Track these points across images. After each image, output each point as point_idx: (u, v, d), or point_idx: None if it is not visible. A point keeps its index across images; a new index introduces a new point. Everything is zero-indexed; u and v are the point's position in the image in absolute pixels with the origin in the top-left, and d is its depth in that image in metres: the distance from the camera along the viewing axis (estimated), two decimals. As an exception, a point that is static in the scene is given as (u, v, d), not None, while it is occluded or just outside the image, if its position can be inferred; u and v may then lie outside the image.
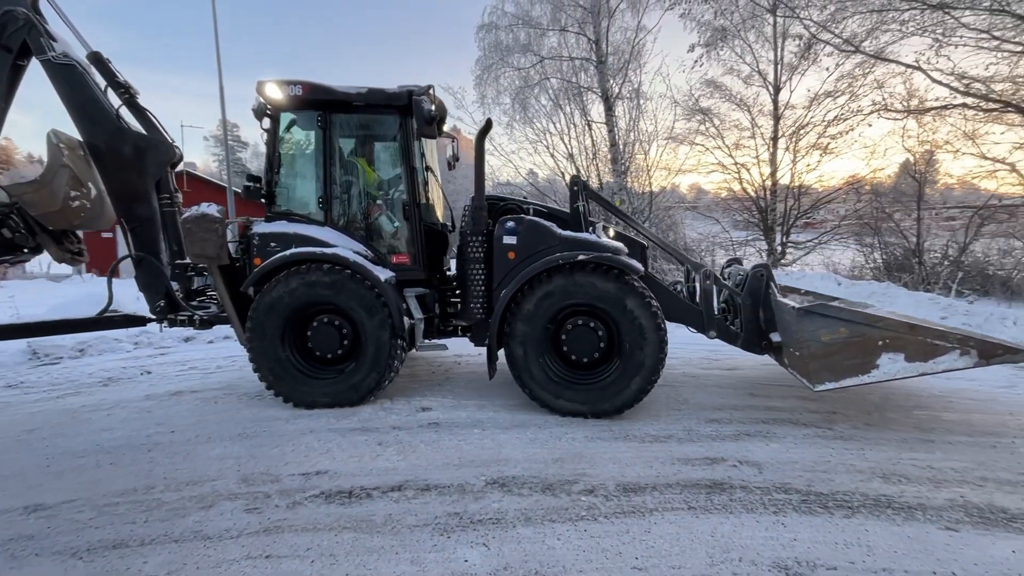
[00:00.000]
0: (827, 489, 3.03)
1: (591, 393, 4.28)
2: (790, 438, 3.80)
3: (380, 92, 4.59)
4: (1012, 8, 8.59)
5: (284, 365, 4.51)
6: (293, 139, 4.96)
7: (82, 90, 4.58)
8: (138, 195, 4.75)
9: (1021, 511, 2.75)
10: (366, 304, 4.42)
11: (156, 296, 4.86)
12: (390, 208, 5.00)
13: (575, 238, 4.42)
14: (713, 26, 12.73)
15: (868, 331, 3.78)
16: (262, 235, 4.58)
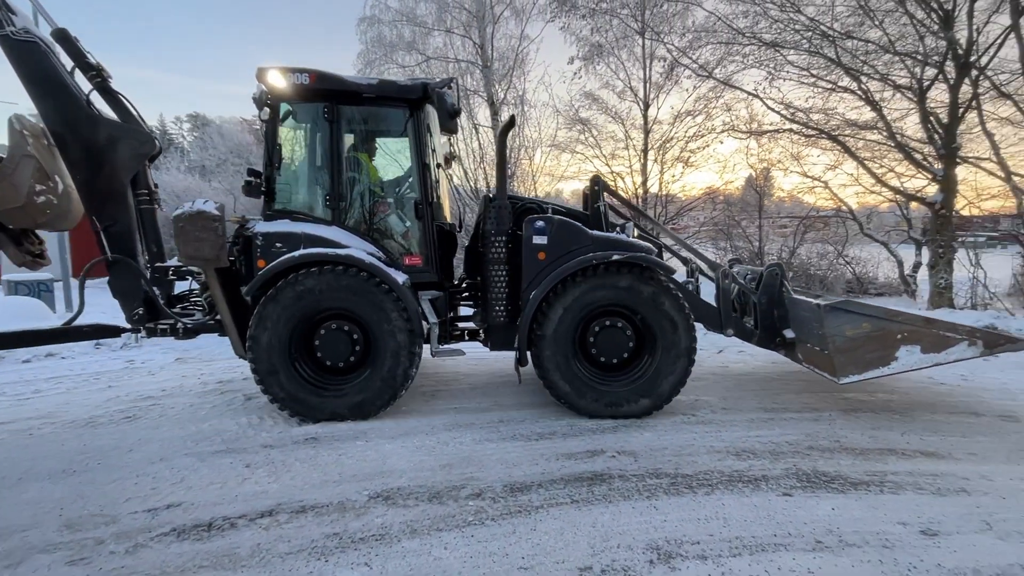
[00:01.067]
0: (692, 470, 3.33)
1: (623, 394, 4.24)
2: (661, 426, 4.12)
3: (392, 84, 4.40)
4: (824, 52, 10.29)
5: (293, 376, 4.13)
6: (296, 132, 4.63)
7: (46, 71, 4.00)
8: (112, 191, 4.19)
9: (837, 473, 3.26)
10: (383, 309, 4.13)
11: (133, 303, 4.32)
12: (400, 207, 4.75)
13: (607, 238, 4.37)
14: (590, 42, 13.53)
15: (888, 325, 4.07)
16: (266, 235, 4.17)
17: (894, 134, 10.18)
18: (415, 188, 4.60)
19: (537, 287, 4.21)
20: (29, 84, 4.00)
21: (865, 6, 9.74)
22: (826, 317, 4.04)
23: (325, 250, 4.10)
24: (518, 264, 4.41)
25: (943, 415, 4.31)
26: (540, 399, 4.83)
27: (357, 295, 4.10)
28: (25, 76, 4.00)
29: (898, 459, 3.46)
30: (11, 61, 3.99)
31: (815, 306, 4.15)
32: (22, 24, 4.00)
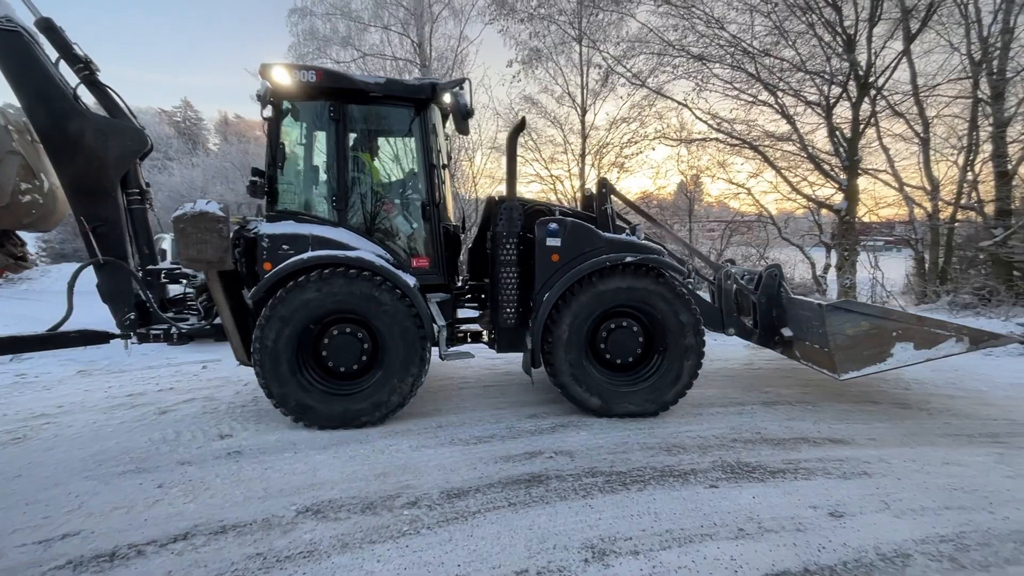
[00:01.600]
0: (626, 467, 3.42)
1: (637, 394, 4.31)
2: (597, 425, 4.21)
3: (400, 83, 4.33)
4: (745, 67, 10.98)
5: (301, 382, 4.01)
6: (301, 131, 4.46)
7: (30, 63, 3.75)
8: (101, 190, 3.98)
9: (758, 463, 3.46)
10: (394, 312, 4.03)
11: (124, 307, 4.13)
12: (407, 208, 4.67)
13: (619, 240, 4.38)
14: (529, 46, 13.70)
15: (884, 324, 4.24)
16: (272, 236, 4.04)
17: (806, 146, 11.03)
18: (421, 189, 4.52)
19: (551, 289, 4.22)
20: (11, 76, 3.74)
21: (780, 27, 10.50)
22: (828, 316, 4.19)
23: (334, 252, 4.00)
24: (528, 266, 4.41)
25: (848, 404, 4.69)
26: (479, 403, 4.81)
27: (367, 299, 3.99)
28: (7, 68, 3.74)
29: (810, 447, 3.72)
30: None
31: (817, 306, 4.31)
32: (3, 12, 3.72)
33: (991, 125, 10.01)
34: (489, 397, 5.00)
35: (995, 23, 9.77)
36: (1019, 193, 10.38)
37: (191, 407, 4.73)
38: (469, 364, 6.32)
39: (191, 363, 6.59)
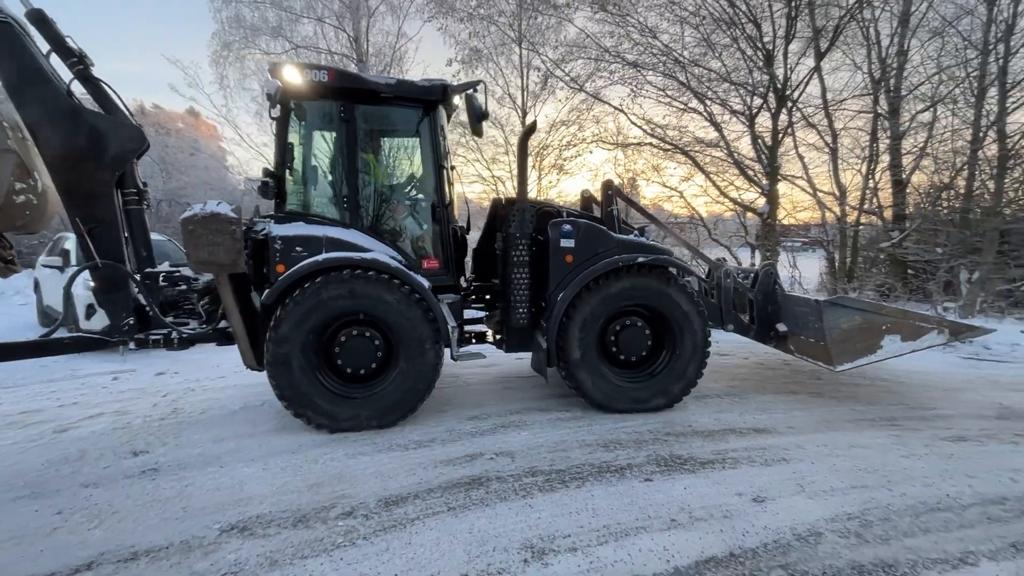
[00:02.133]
0: (565, 465, 3.47)
1: (647, 389, 4.45)
2: (537, 424, 4.25)
3: (411, 84, 4.31)
4: (677, 76, 11.49)
5: (316, 386, 3.92)
6: (310, 131, 4.41)
7: (21, 56, 3.54)
8: (97, 191, 3.78)
9: (690, 455, 3.62)
10: (410, 314, 4.00)
11: (122, 312, 3.93)
12: (416, 209, 4.65)
13: (630, 241, 4.49)
14: (469, 46, 13.64)
15: (875, 318, 4.49)
16: (285, 238, 3.95)
17: (732, 152, 11.71)
18: (430, 190, 4.53)
19: (565, 289, 4.29)
20: (1, 70, 3.51)
21: (707, 39, 11.08)
22: (825, 312, 4.43)
23: (350, 254, 3.95)
24: (540, 267, 4.48)
25: (770, 395, 5.02)
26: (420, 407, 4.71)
27: (383, 301, 3.96)
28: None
29: (737, 437, 3.94)
30: None
31: (815, 302, 4.56)
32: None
33: (888, 138, 11.06)
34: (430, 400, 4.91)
35: (892, 45, 10.82)
36: (912, 199, 11.54)
37: (98, 423, 4.33)
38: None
39: (99, 374, 6.03)
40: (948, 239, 10.33)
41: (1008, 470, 3.36)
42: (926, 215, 10.81)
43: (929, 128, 10.74)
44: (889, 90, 10.91)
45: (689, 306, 4.45)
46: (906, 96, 10.81)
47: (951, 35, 10.40)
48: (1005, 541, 2.58)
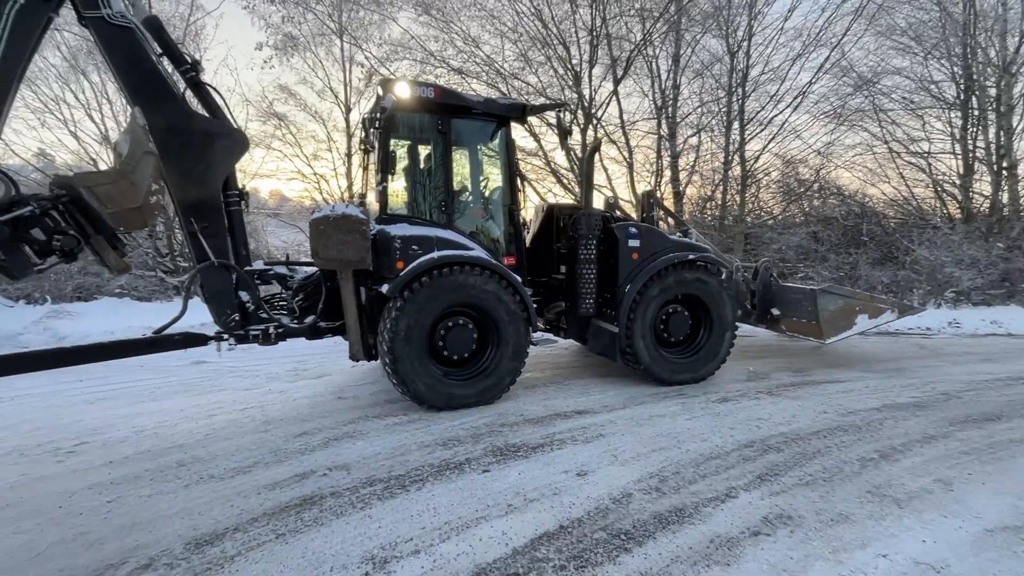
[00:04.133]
0: (404, 470, 3.42)
1: (689, 365, 5.34)
2: (373, 432, 4.11)
3: (497, 102, 4.90)
4: (499, 86, 12.13)
5: (429, 369, 4.40)
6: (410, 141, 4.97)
7: (142, 61, 3.68)
8: (207, 192, 3.96)
9: (522, 442, 3.88)
10: (507, 304, 4.57)
11: (228, 308, 4.12)
12: (495, 212, 5.16)
13: (682, 241, 5.44)
14: (283, 31, 12.51)
15: (852, 301, 5.75)
16: (403, 238, 4.36)
17: (549, 162, 12.82)
18: (506, 195, 5.10)
19: (632, 281, 5.10)
20: (123, 73, 3.69)
21: (525, 55, 11.95)
22: (819, 297, 5.61)
23: (459, 252, 4.43)
24: (604, 263, 5.21)
25: (588, 379, 5.63)
26: (235, 430, 4.19)
27: (487, 293, 4.50)
28: (118, 64, 3.67)
29: (562, 420, 4.35)
30: (103, 46, 3.63)
31: (809, 290, 5.74)
32: (118, 7, 3.61)
33: (669, 156, 13.28)
34: (251, 420, 4.40)
35: (668, 79, 13.01)
36: (687, 208, 14.03)
37: None
38: (218, 384, 5.47)
39: None
40: (712, 241, 12.84)
41: (755, 420, 4.32)
42: (696, 221, 13.25)
43: (696, 150, 13.20)
44: (668, 116, 13.10)
45: (726, 295, 5.46)
46: (680, 123, 13.11)
47: (708, 76, 12.94)
48: (754, 475, 3.32)
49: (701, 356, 5.44)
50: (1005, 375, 5.59)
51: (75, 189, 3.36)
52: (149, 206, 3.42)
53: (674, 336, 5.42)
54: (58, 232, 3.34)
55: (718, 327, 5.43)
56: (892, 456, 3.57)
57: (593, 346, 5.44)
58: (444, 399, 4.47)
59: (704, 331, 5.49)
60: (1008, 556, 2.45)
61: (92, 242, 3.50)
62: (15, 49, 3.27)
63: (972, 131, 12.10)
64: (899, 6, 12.49)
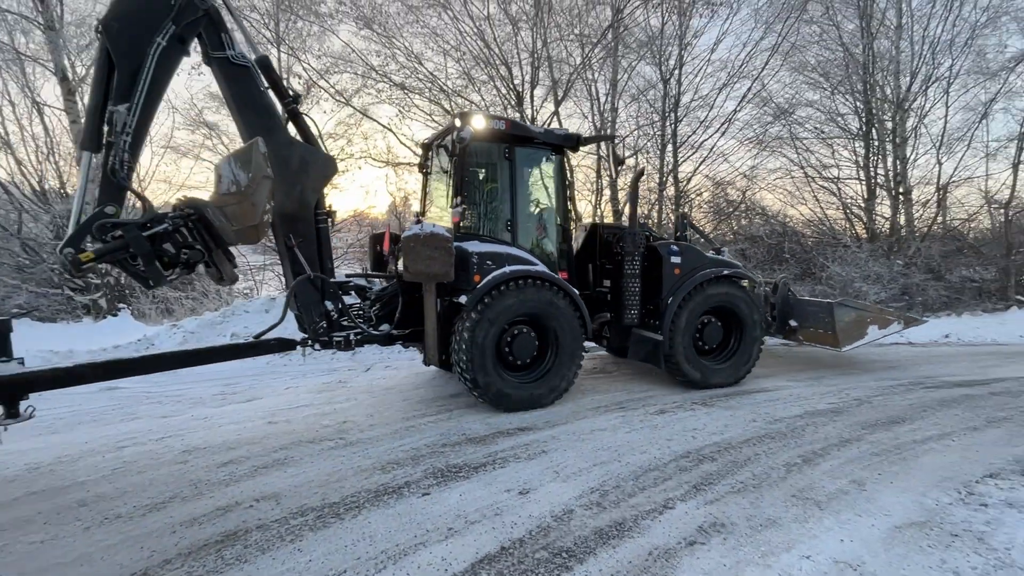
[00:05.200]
0: (339, 496, 3.25)
1: (723, 371, 5.84)
2: (307, 458, 3.90)
3: (555, 133, 5.55)
4: (442, 103, 12.17)
5: (499, 372, 4.87)
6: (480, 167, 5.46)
7: (257, 95, 4.25)
8: (302, 210, 4.42)
9: (464, 462, 3.80)
10: (567, 314, 5.10)
11: (317, 316, 4.54)
12: (550, 230, 5.67)
13: (716, 258, 5.99)
14: (214, 37, 11.95)
15: (864, 313, 6.41)
16: (480, 254, 4.83)
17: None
18: (561, 215, 5.71)
19: (674, 294, 5.63)
20: (240, 106, 4.19)
21: (468, 74, 12.07)
22: (836, 310, 6.21)
23: (526, 268, 4.92)
24: (647, 278, 5.70)
25: (531, 396, 5.63)
26: (148, 462, 3.84)
27: (550, 304, 5.01)
28: (235, 98, 4.18)
29: (505, 438, 4.31)
30: (224, 82, 4.16)
31: (826, 304, 6.36)
32: (239, 48, 4.15)
33: (608, 176, 13.75)
34: (168, 452, 4.05)
35: (607, 103, 13.53)
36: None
37: None
38: (131, 413, 5.02)
39: None
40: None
41: (691, 430, 4.47)
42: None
43: (634, 171, 13.76)
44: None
45: (756, 307, 6.03)
46: (618, 144, 13.63)
47: (643, 101, 13.58)
48: (690, 485, 3.42)
49: (733, 362, 5.97)
50: (908, 380, 6.12)
51: (200, 209, 3.71)
52: (263, 224, 3.79)
53: (708, 344, 5.95)
54: (186, 246, 3.70)
55: (748, 335, 5.98)
56: (813, 460, 3.79)
57: (635, 353, 5.89)
58: (513, 400, 4.93)
59: (735, 339, 6.05)
60: (915, 551, 2.64)
61: (213, 255, 3.84)
62: (157, 85, 3.80)
63: (873, 159, 13.39)
64: (809, 45, 13.71)
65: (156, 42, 3.74)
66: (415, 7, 11.68)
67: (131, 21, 3.69)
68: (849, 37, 13.29)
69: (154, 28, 3.75)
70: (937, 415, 4.81)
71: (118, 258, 3.61)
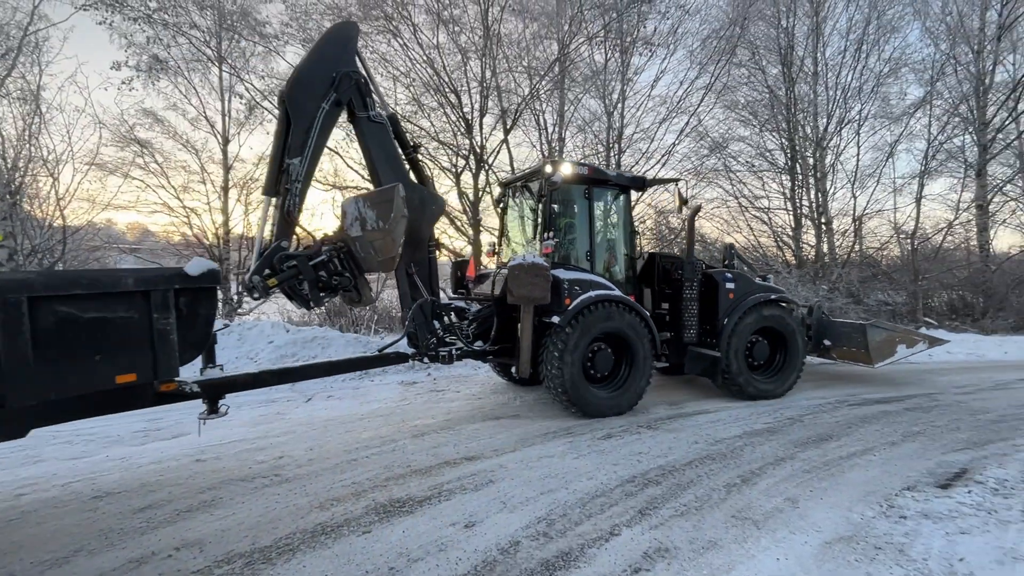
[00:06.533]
0: (270, 540, 3.04)
1: (771, 383, 6.55)
2: (238, 498, 3.63)
3: (623, 176, 6.58)
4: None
5: (585, 384, 5.55)
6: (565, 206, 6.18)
7: (390, 146, 5.14)
8: (421, 242, 5.12)
9: (408, 496, 3.66)
10: (640, 333, 5.82)
11: (430, 334, 5.23)
12: (619, 259, 6.60)
13: (764, 284, 6.75)
14: (149, 52, 11.45)
15: (893, 334, 7.12)
16: (570, 280, 5.58)
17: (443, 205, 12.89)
18: (627, 246, 6.61)
19: (728, 316, 6.38)
20: (377, 156, 5.07)
21: (418, 100, 12.13)
22: (868, 330, 6.83)
23: (607, 292, 5.68)
24: (704, 301, 6.43)
25: (479, 423, 5.54)
26: (50, 514, 3.46)
27: (628, 324, 5.72)
28: (374, 149, 5.07)
29: (451, 468, 4.19)
30: (364, 137, 5.05)
31: (859, 325, 7.01)
32: (376, 109, 5.05)
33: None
34: (75, 499, 3.66)
35: (555, 132, 13.94)
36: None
37: None
38: (34, 455, 4.53)
39: None
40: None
41: (636, 454, 4.52)
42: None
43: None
44: (555, 166, 13.94)
45: (799, 328, 6.76)
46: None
47: (589, 132, 14.11)
48: (635, 510, 3.44)
49: (779, 376, 6.65)
50: (834, 399, 6.50)
51: (346, 243, 4.70)
52: (397, 255, 4.44)
53: (757, 360, 6.61)
54: (336, 274, 4.59)
55: (792, 353, 6.68)
56: (751, 480, 3.92)
57: (691, 369, 6.54)
58: (595, 407, 5.58)
59: (780, 356, 6.73)
60: (843, 566, 2.76)
61: (357, 281, 4.72)
62: (321, 141, 4.75)
63: (799, 192, 14.46)
64: (739, 86, 14.79)
65: (322, 107, 4.68)
66: (364, 33, 11.68)
67: (305, 92, 4.65)
68: (773, 80, 14.46)
69: (321, 96, 4.69)
70: (860, 431, 5.12)
71: (291, 284, 4.45)
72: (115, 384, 2.85)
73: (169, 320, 2.96)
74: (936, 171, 14.62)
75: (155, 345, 2.92)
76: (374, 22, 11.31)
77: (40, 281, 2.63)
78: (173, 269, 3.16)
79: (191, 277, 3.12)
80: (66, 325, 2.64)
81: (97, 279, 2.81)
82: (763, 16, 14.37)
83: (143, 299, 2.91)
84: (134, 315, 2.87)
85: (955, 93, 14.04)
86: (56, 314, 2.62)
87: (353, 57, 4.99)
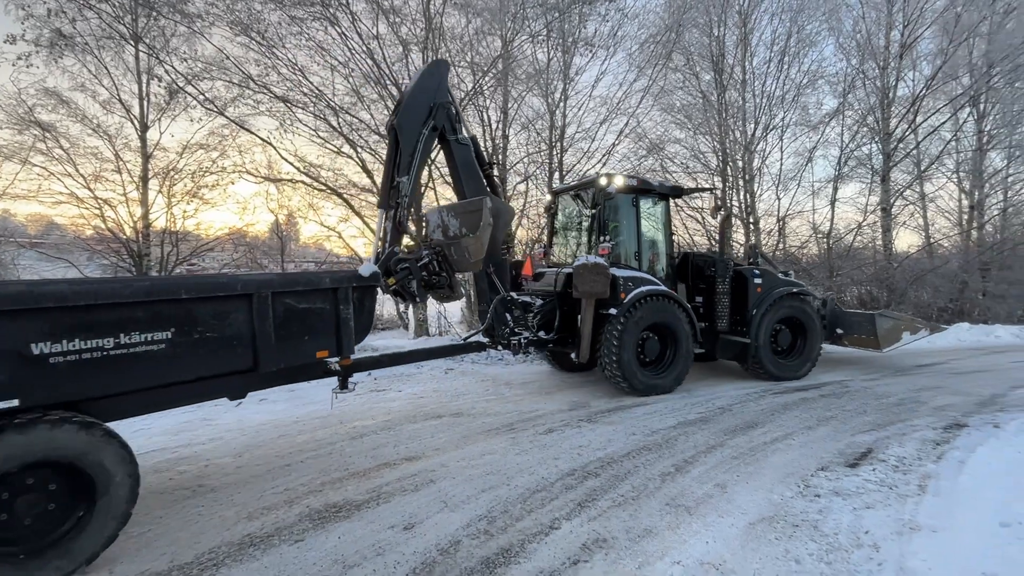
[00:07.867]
0: (192, 555, 2.85)
1: (792, 367, 7.44)
2: (154, 513, 3.37)
3: (664, 185, 7.57)
4: (328, 119, 11.68)
5: (638, 366, 6.35)
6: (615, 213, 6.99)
7: (474, 164, 6.12)
8: (497, 246, 5.85)
9: (345, 500, 3.54)
10: (683, 323, 6.65)
11: (503, 325, 6.08)
12: (660, 258, 7.48)
13: (786, 279, 7.60)
14: (51, 26, 10.37)
15: (899, 322, 8.01)
16: (625, 277, 6.35)
17: (385, 199, 12.57)
18: (667, 245, 7.57)
19: (757, 307, 7.20)
20: (463, 173, 6.02)
21: (357, 91, 11.74)
22: (877, 319, 7.69)
23: (655, 287, 6.55)
24: (735, 295, 7.26)
25: (420, 423, 5.46)
26: None
27: (674, 316, 6.63)
28: (461, 167, 6.00)
29: (390, 470, 4.10)
30: (453, 157, 6.01)
31: (869, 315, 7.88)
32: (462, 132, 6.01)
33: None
34: None
35: (499, 129, 13.93)
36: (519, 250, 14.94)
37: None
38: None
39: None
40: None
41: (577, 447, 4.61)
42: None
43: (525, 196, 14.26)
44: (498, 164, 13.95)
45: (818, 318, 7.62)
46: (509, 170, 14.05)
47: (532, 130, 14.20)
48: (575, 503, 3.50)
49: (799, 360, 7.52)
50: (759, 389, 6.92)
51: (440, 246, 5.48)
52: (484, 258, 5.31)
53: (780, 346, 7.51)
54: (435, 273, 5.33)
55: (811, 339, 7.55)
56: (685, 468, 4.10)
57: (723, 354, 7.40)
58: (646, 387, 6.35)
59: (801, 342, 7.58)
60: (765, 544, 2.94)
61: (452, 279, 5.44)
62: (422, 159, 5.62)
63: (730, 192, 15.26)
64: (675, 90, 15.39)
65: (423, 132, 5.58)
66: (299, 19, 11.14)
67: (411, 121, 5.53)
68: (706, 86, 15.14)
69: (422, 123, 5.59)
70: (782, 418, 5.48)
71: (403, 283, 5.15)
72: (315, 359, 3.83)
73: (349, 310, 3.89)
74: (848, 176, 15.86)
75: (340, 329, 3.86)
76: (309, 7, 10.79)
77: (278, 280, 3.64)
78: (352, 271, 4.10)
79: (363, 277, 4.07)
80: (290, 313, 3.61)
81: (310, 279, 3.86)
82: (696, 24, 15.02)
83: (333, 295, 3.85)
84: (327, 306, 3.80)
85: (864, 105, 15.26)
86: (284, 305, 3.59)
87: (446, 90, 5.91)
